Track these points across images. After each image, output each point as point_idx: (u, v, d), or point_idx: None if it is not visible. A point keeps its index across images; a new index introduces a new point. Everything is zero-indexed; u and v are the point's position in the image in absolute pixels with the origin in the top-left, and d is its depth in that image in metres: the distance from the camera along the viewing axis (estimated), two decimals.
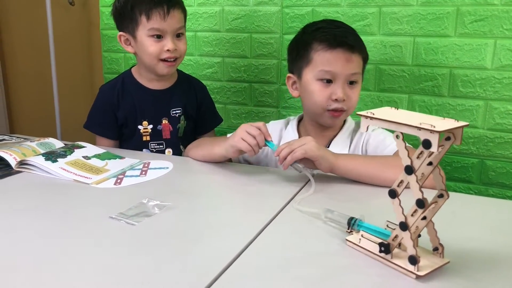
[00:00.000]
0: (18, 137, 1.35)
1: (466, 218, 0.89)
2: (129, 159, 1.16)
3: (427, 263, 0.70)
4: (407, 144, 1.12)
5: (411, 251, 0.68)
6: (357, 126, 1.23)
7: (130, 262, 0.70)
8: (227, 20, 1.63)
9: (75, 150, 1.15)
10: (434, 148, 0.62)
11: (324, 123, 1.18)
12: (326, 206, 0.86)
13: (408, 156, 0.67)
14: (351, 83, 1.14)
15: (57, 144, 1.20)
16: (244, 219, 0.87)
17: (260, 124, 1.06)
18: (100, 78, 1.96)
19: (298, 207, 0.90)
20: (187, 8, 1.34)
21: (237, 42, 1.64)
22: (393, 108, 0.72)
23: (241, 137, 1.04)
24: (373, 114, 0.69)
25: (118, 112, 1.36)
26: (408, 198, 0.67)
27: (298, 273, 0.68)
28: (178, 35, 1.30)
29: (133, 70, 1.40)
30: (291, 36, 1.55)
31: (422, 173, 0.68)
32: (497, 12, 1.30)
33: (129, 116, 1.35)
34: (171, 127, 1.36)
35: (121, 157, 1.16)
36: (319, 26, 1.18)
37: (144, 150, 1.35)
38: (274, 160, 1.26)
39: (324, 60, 1.13)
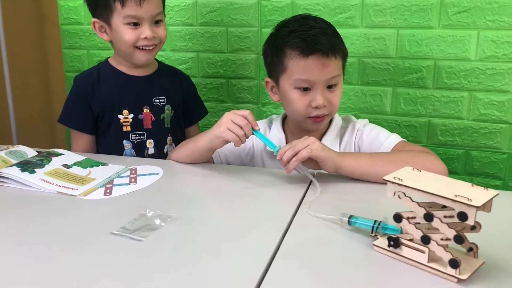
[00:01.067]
0: None
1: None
2: (113, 165, 1.06)
3: (465, 266, 0.66)
4: (402, 139, 1.11)
5: (446, 256, 0.64)
6: (345, 122, 1.20)
7: (147, 285, 0.62)
8: (201, 13, 1.55)
9: (52, 158, 1.04)
10: (471, 221, 0.61)
11: (307, 128, 1.13)
12: (336, 208, 0.82)
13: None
14: (330, 86, 1.09)
15: (29, 152, 1.08)
16: (259, 227, 0.80)
17: (245, 112, 1.00)
18: (60, 76, 1.82)
19: (315, 213, 0.84)
20: None
21: (212, 36, 1.56)
22: (415, 170, 0.71)
23: (227, 127, 0.99)
24: (401, 180, 0.67)
25: (93, 102, 1.26)
26: None
27: (332, 284, 0.63)
28: (157, 22, 1.22)
29: (110, 59, 1.31)
30: (270, 30, 1.50)
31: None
32: (480, 4, 1.30)
33: (107, 105, 1.26)
34: (153, 117, 1.28)
35: (103, 164, 1.07)
36: (291, 29, 1.10)
37: (124, 141, 1.26)
38: (261, 162, 1.21)
39: (299, 68, 1.07)
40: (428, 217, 0.65)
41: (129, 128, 1.27)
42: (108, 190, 0.92)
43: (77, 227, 0.79)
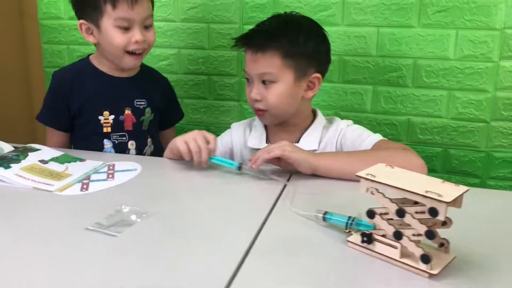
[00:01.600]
0: None
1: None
2: (91, 161, 1.06)
3: (436, 261, 0.67)
4: (383, 138, 1.12)
5: (418, 251, 0.65)
6: (328, 122, 1.21)
7: (121, 280, 0.61)
8: (182, 9, 1.54)
9: (29, 153, 1.03)
10: (441, 217, 0.62)
11: None
12: (311, 204, 0.82)
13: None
14: (265, 82, 1.12)
15: (5, 147, 1.07)
16: (235, 223, 0.80)
17: (211, 137, 1.03)
18: (39, 72, 1.80)
19: (291, 208, 0.85)
20: None
21: (194, 33, 1.56)
22: (388, 166, 0.72)
23: (186, 140, 1.01)
24: (374, 176, 0.68)
25: (71, 100, 1.24)
26: None
27: (306, 280, 0.63)
28: (147, 26, 1.20)
29: (91, 57, 1.28)
30: (251, 26, 1.50)
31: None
32: (458, 3, 1.32)
33: (85, 104, 1.23)
34: (134, 119, 1.26)
35: (81, 159, 1.06)
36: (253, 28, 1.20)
37: (104, 140, 1.24)
38: (240, 158, 1.22)
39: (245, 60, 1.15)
40: (400, 213, 0.66)
41: (109, 129, 1.25)
42: (84, 186, 0.91)
43: (52, 222, 0.78)
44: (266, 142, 1.19)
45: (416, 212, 0.65)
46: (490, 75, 1.33)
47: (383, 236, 0.69)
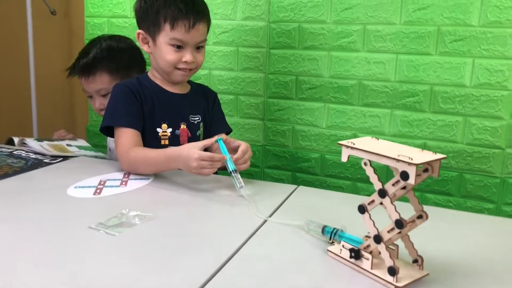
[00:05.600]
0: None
1: (446, 232, 0.91)
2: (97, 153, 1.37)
3: (406, 274, 0.72)
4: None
5: (388, 262, 0.70)
6: None
7: (110, 275, 0.70)
8: (214, 34, 1.66)
9: (68, 141, 1.43)
10: (411, 180, 0.64)
11: None
12: (301, 215, 0.90)
13: (379, 180, 0.70)
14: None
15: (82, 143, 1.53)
16: (227, 230, 0.88)
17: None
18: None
19: (281, 221, 0.92)
20: None
21: (224, 55, 1.67)
22: (374, 138, 0.75)
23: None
24: (353, 144, 0.72)
25: (143, 107, 1.26)
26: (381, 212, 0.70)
27: (281, 284, 0.70)
28: (198, 47, 1.28)
29: (148, 73, 1.36)
30: (278, 51, 1.59)
31: (395, 194, 0.71)
32: (475, 33, 1.35)
33: (147, 115, 1.27)
34: (189, 133, 1.32)
35: (96, 150, 1.30)
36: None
37: None
38: None
39: None
40: (382, 193, 0.69)
41: (167, 142, 1.29)
42: (98, 190, 1.03)
43: (59, 220, 0.89)
44: None
45: (393, 185, 0.68)
46: (506, 103, 1.35)
47: (366, 248, 0.74)
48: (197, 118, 1.34)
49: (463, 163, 1.43)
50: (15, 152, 1.34)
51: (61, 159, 1.29)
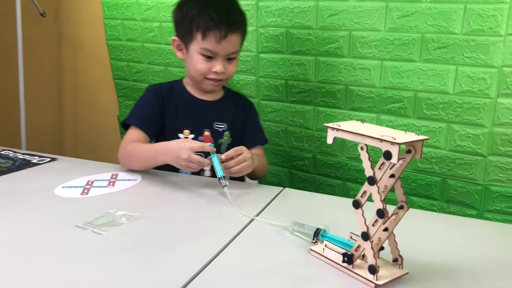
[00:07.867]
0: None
1: (428, 234, 0.94)
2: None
3: (386, 273, 0.74)
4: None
5: (371, 260, 0.72)
6: None
7: (97, 272, 0.71)
8: None
9: None
10: (394, 160, 0.65)
11: None
12: (285, 216, 0.91)
13: (371, 167, 0.71)
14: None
15: None
16: (213, 229, 0.89)
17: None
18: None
19: (268, 221, 0.93)
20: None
21: None
22: (359, 122, 0.77)
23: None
24: (339, 126, 0.73)
25: (165, 111, 1.31)
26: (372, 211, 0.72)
27: (264, 282, 0.71)
28: (230, 58, 1.29)
29: (184, 79, 1.38)
30: (267, 55, 1.61)
31: (385, 186, 0.72)
32: (458, 41, 1.38)
33: (171, 120, 1.31)
34: (212, 140, 1.28)
35: None
36: None
37: None
38: None
39: None
40: (371, 180, 0.70)
41: None
42: (85, 191, 1.03)
43: (47, 219, 0.90)
44: None
45: (379, 168, 0.70)
46: (488, 111, 1.37)
47: (363, 256, 0.76)
48: (223, 126, 1.35)
49: (446, 169, 1.45)
50: (2, 152, 1.34)
51: (49, 159, 1.29)
